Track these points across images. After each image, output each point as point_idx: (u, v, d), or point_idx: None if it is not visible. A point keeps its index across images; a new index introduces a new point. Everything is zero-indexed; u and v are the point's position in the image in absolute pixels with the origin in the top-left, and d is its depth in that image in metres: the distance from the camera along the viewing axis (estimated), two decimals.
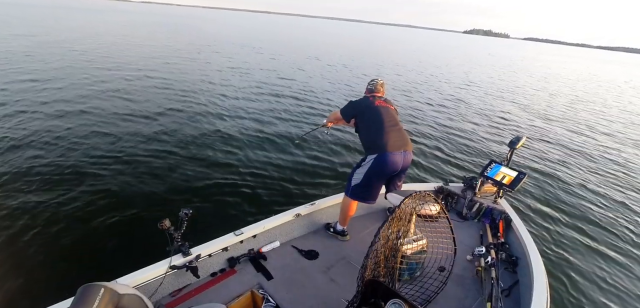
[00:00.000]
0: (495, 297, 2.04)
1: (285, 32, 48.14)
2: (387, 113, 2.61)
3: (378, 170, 2.50)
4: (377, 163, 2.48)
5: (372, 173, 2.51)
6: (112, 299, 1.25)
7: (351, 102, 2.80)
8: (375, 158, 2.48)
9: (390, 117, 2.60)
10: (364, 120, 2.65)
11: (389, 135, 2.49)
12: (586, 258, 3.77)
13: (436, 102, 11.23)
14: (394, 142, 2.49)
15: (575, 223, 4.49)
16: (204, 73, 12.17)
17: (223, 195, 4.24)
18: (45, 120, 6.02)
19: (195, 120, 6.90)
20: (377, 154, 2.47)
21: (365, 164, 2.54)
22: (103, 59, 12.66)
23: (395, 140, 2.51)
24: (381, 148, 2.46)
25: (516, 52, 67.57)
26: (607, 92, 19.34)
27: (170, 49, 17.52)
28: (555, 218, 4.53)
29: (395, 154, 2.47)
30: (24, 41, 14.87)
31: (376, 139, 2.50)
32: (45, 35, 18.07)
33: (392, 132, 2.52)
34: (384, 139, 2.47)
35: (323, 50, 25.83)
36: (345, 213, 2.72)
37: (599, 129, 9.90)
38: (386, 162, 2.47)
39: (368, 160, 2.52)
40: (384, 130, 2.51)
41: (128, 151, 5.13)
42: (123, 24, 30.11)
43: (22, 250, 3.04)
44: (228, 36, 30.32)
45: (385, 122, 2.55)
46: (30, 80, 8.60)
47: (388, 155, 2.45)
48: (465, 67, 24.85)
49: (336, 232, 2.80)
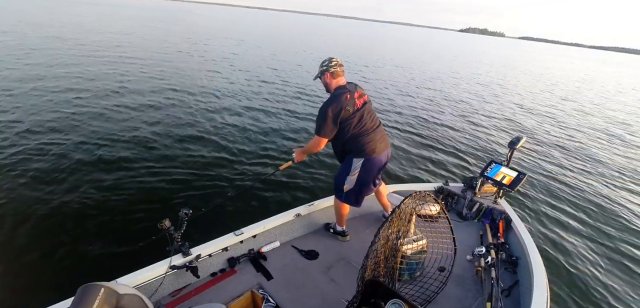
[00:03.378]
0: (495, 297, 2.04)
1: (280, 28, 48.03)
2: (369, 112, 2.46)
3: (369, 176, 2.48)
4: (367, 169, 2.44)
5: (363, 179, 2.48)
6: (112, 299, 1.25)
7: (325, 110, 2.33)
8: (364, 163, 2.43)
9: (372, 116, 2.48)
10: (348, 124, 2.37)
11: (375, 137, 2.43)
12: (586, 258, 3.77)
13: (436, 102, 11.22)
14: (379, 145, 2.44)
15: (575, 223, 4.49)
16: (203, 72, 12.14)
17: (223, 194, 4.24)
18: (45, 120, 6.01)
19: (195, 120, 6.90)
20: (364, 159, 2.42)
21: (354, 170, 2.46)
22: (102, 57, 12.63)
23: (380, 142, 2.46)
24: (369, 153, 2.41)
25: (512, 51, 67.56)
26: (607, 92, 19.34)
27: (167, 46, 17.45)
28: (556, 218, 4.53)
29: (381, 156, 2.46)
30: (7, 37, 14.75)
31: (364, 144, 2.40)
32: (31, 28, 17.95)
33: (377, 133, 2.45)
34: (372, 144, 2.41)
35: (321, 48, 25.80)
36: (340, 215, 2.70)
37: (599, 129, 9.90)
38: (375, 166, 2.46)
39: (356, 166, 2.45)
40: (370, 133, 2.41)
41: (128, 151, 5.12)
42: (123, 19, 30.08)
43: (21, 250, 3.04)
44: (223, 32, 30.19)
45: (369, 123, 2.43)
46: (27, 76, 8.58)
47: (376, 159, 2.44)
48: (462, 66, 24.84)
49: (336, 233, 2.80)
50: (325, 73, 2.44)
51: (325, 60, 2.46)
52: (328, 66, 2.43)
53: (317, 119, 2.42)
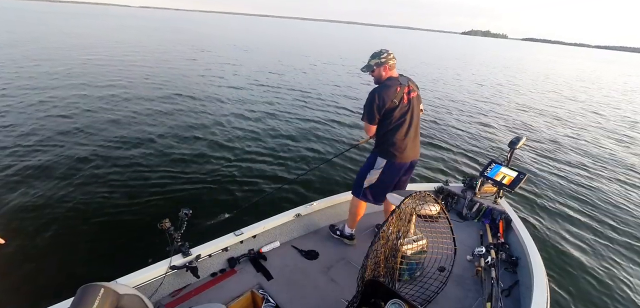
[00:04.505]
0: (495, 297, 2.04)
1: (281, 35, 48.17)
2: (415, 114, 2.36)
3: (391, 178, 2.45)
4: (390, 171, 2.41)
5: (386, 179, 2.43)
6: (112, 299, 1.25)
7: (372, 96, 2.26)
8: (387, 164, 2.39)
9: (415, 121, 2.37)
10: (390, 117, 2.29)
11: (408, 141, 2.35)
12: (586, 259, 3.76)
13: (436, 102, 11.22)
14: (409, 151, 2.37)
15: (576, 223, 4.48)
16: (204, 75, 12.17)
17: (223, 194, 4.24)
18: (45, 121, 6.02)
19: (195, 120, 6.90)
20: (387, 160, 2.38)
21: (378, 167, 2.41)
22: (104, 62, 12.65)
23: (411, 148, 2.38)
24: (396, 156, 2.35)
25: (515, 52, 67.54)
26: (607, 92, 19.32)
27: (169, 52, 17.52)
28: (556, 218, 4.53)
29: (407, 163, 2.42)
30: (24, 45, 14.83)
31: (394, 144, 2.33)
32: (44, 39, 18.03)
33: (410, 138, 2.36)
34: (401, 147, 2.33)
35: (320, 52, 25.81)
36: (354, 214, 2.62)
37: (599, 129, 9.89)
38: (399, 171, 2.43)
39: (380, 164, 2.41)
40: (406, 136, 2.33)
41: (128, 151, 5.13)
42: (122, 29, 30.05)
43: (22, 250, 3.04)
44: (226, 39, 30.32)
45: (410, 127, 2.33)
46: (30, 84, 8.60)
47: (400, 165, 2.40)
48: (463, 67, 24.83)
49: (343, 236, 2.69)
50: (382, 65, 2.31)
51: (377, 52, 2.34)
52: (386, 59, 2.31)
53: (364, 104, 2.35)
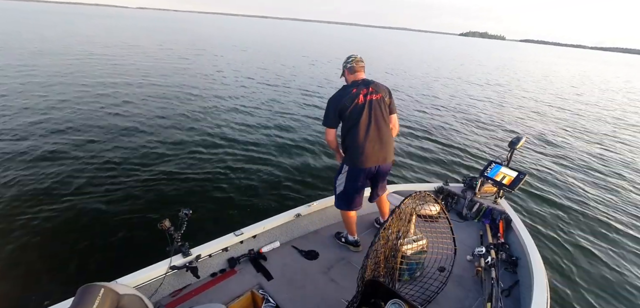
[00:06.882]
0: (495, 297, 2.03)
1: (280, 36, 48.18)
2: (373, 114, 2.23)
3: (353, 184, 2.37)
4: (352, 177, 2.34)
5: (349, 186, 2.37)
6: (112, 299, 1.25)
7: (329, 100, 2.29)
8: (349, 170, 2.34)
9: (375, 120, 2.24)
10: (345, 119, 2.26)
11: (369, 146, 2.23)
12: (586, 259, 3.76)
13: (435, 102, 11.22)
14: (370, 155, 2.24)
15: (576, 223, 4.48)
16: (203, 76, 12.17)
17: (223, 195, 4.24)
18: (45, 121, 6.02)
19: (195, 121, 6.90)
20: (350, 167, 2.33)
21: (343, 172, 2.38)
22: (103, 64, 12.66)
23: (373, 154, 2.24)
24: (355, 161, 2.28)
25: (513, 53, 67.56)
26: (606, 93, 19.32)
27: (168, 53, 17.52)
28: (556, 219, 4.53)
29: (370, 168, 2.30)
30: (27, 47, 14.85)
31: (353, 148, 2.25)
32: (47, 41, 18.04)
33: (375, 144, 2.24)
34: (361, 151, 2.23)
35: (320, 53, 25.81)
36: (346, 223, 2.58)
37: (599, 129, 9.89)
38: (359, 176, 2.33)
39: (344, 170, 2.37)
40: (366, 139, 2.22)
41: (127, 152, 5.13)
42: (121, 29, 30.05)
43: (22, 250, 3.04)
44: (225, 40, 30.33)
45: (368, 129, 2.22)
46: (33, 83, 8.60)
47: (362, 171, 2.30)
48: (462, 68, 24.83)
49: (348, 242, 2.65)
50: (343, 70, 2.40)
51: (346, 57, 2.42)
52: (345, 62, 2.38)
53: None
